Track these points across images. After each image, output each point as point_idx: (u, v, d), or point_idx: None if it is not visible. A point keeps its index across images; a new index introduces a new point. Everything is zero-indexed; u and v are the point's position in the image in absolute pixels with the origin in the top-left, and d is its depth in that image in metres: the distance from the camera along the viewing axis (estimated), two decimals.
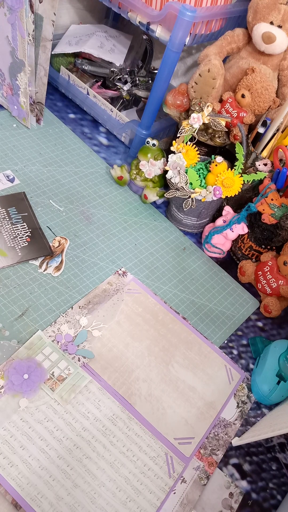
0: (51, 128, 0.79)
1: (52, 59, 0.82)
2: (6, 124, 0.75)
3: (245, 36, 0.69)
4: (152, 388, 0.51)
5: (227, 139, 0.70)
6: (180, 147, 0.64)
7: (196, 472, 0.46)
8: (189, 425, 0.49)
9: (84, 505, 0.41)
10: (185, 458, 0.47)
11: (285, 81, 0.70)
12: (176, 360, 0.54)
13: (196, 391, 0.52)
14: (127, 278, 0.60)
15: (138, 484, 0.44)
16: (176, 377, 0.53)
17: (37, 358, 0.48)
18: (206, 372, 0.54)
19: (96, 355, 0.51)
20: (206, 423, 0.50)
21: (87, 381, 0.48)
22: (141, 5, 0.65)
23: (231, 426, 0.51)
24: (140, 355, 0.53)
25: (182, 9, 0.59)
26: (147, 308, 0.58)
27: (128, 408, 0.48)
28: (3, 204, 0.62)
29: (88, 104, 0.83)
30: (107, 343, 0.52)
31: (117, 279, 0.59)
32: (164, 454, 0.46)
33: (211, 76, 0.64)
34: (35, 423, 0.44)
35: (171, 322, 0.57)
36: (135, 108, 0.86)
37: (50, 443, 0.43)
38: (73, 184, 0.71)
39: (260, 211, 0.62)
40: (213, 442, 0.49)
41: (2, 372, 0.46)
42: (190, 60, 0.93)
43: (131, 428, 0.47)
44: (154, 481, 0.44)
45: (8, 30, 0.65)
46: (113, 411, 0.47)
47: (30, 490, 0.40)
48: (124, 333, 0.54)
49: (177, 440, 0.48)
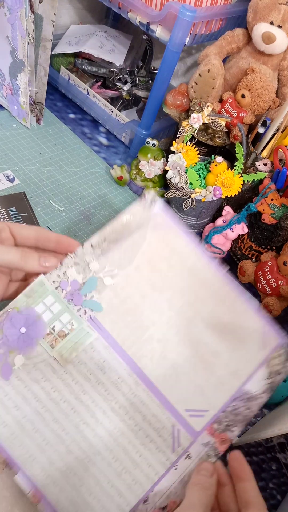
0: (51, 128, 0.79)
1: (52, 59, 0.83)
2: (6, 124, 0.75)
3: (245, 36, 0.69)
4: (167, 350, 0.43)
5: (227, 139, 0.70)
6: (180, 147, 0.64)
7: (204, 449, 0.41)
8: (204, 396, 0.42)
9: (76, 472, 0.39)
10: (193, 432, 0.41)
11: (285, 81, 0.70)
12: (202, 317, 0.44)
13: (219, 356, 0.43)
14: (156, 207, 0.46)
15: (137, 456, 0.40)
16: (198, 338, 0.43)
17: (37, 309, 0.41)
18: (236, 334, 0.44)
19: (106, 307, 0.42)
20: (225, 395, 0.42)
21: (92, 338, 0.42)
22: (141, 5, 0.65)
23: (256, 400, 0.43)
24: (158, 309, 0.43)
25: (182, 9, 0.59)
26: (176, 249, 0.45)
27: (136, 371, 0.42)
28: (3, 204, 0.62)
29: (88, 104, 0.83)
30: (121, 293, 0.43)
31: (142, 209, 0.45)
32: (171, 426, 0.41)
33: (211, 76, 0.64)
34: (31, 383, 0.40)
35: (203, 269, 0.45)
36: (135, 108, 0.86)
37: (46, 405, 0.40)
38: (73, 184, 0.71)
39: (260, 211, 0.62)
40: (230, 416, 0.42)
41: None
42: (190, 60, 0.94)
43: (137, 394, 0.41)
44: (154, 454, 0.40)
45: (8, 30, 0.65)
46: (119, 374, 0.41)
47: (22, 452, 0.38)
48: (142, 281, 0.44)
49: (188, 412, 0.42)
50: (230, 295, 0.45)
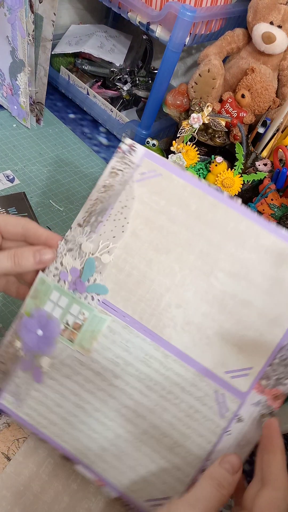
0: (51, 128, 0.79)
1: (52, 59, 0.83)
2: (6, 124, 0.75)
3: (245, 36, 0.69)
4: (190, 314, 0.38)
5: (227, 139, 0.70)
6: (180, 147, 0.64)
7: (256, 409, 0.38)
8: (244, 353, 0.38)
9: (129, 454, 0.39)
10: (240, 394, 0.38)
11: (285, 81, 0.70)
12: (221, 267, 0.38)
13: (251, 305, 0.38)
14: (137, 155, 0.39)
15: (185, 428, 0.38)
16: (222, 291, 0.38)
17: (46, 308, 0.40)
18: (267, 274, 0.37)
19: (113, 286, 0.39)
20: (268, 347, 0.38)
21: (107, 322, 0.39)
22: (141, 5, 0.65)
23: None
24: (169, 272, 0.39)
25: (182, 9, 0.59)
26: (173, 196, 0.39)
27: (162, 344, 0.39)
28: (3, 204, 0.62)
29: (88, 104, 0.83)
30: (124, 266, 0.39)
31: (122, 162, 0.40)
32: (213, 392, 0.38)
33: (211, 76, 0.64)
34: (63, 379, 0.39)
35: (211, 209, 0.38)
36: (135, 108, 0.86)
37: (84, 397, 0.39)
38: (73, 184, 0.71)
39: (260, 211, 0.62)
40: (280, 369, 0.38)
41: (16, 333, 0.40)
42: (190, 60, 0.94)
43: (169, 367, 0.39)
44: (203, 424, 0.38)
45: (8, 30, 0.65)
46: (145, 351, 0.38)
47: (75, 445, 0.39)
48: (143, 246, 0.39)
49: (229, 374, 0.38)
50: (251, 230, 0.38)
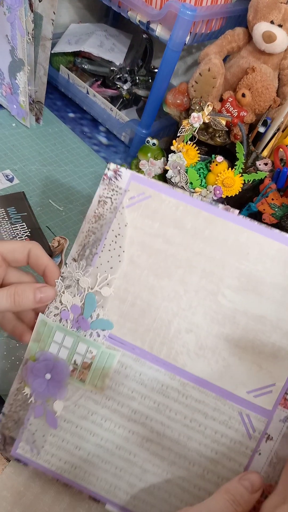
0: (50, 128, 0.79)
1: (51, 58, 0.82)
2: (5, 124, 0.75)
3: (245, 35, 0.69)
4: (202, 337, 0.37)
5: (228, 139, 0.69)
6: (180, 147, 0.64)
7: (284, 424, 0.37)
8: (264, 370, 0.37)
9: (159, 487, 0.38)
10: (266, 412, 0.37)
11: (285, 80, 0.70)
12: (227, 283, 0.37)
13: (265, 319, 0.37)
14: (123, 179, 0.38)
15: (213, 454, 0.37)
16: (232, 309, 0.37)
17: (51, 350, 0.39)
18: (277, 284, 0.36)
19: (118, 318, 0.38)
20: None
21: (117, 356, 0.38)
22: (141, 4, 0.65)
23: None
24: (173, 296, 0.38)
25: (182, 8, 0.58)
26: (166, 217, 0.37)
27: (178, 372, 0.38)
28: (2, 204, 0.62)
29: (88, 103, 0.83)
30: (126, 297, 0.38)
31: (109, 189, 0.38)
32: (238, 413, 0.37)
33: (212, 75, 0.64)
34: (80, 420, 0.38)
35: (207, 225, 0.37)
36: (135, 107, 0.85)
37: (104, 436, 0.38)
38: (72, 183, 0.70)
39: (260, 211, 0.62)
40: None
41: (24, 380, 0.39)
42: (190, 59, 0.93)
43: (188, 395, 0.38)
44: (231, 448, 0.37)
45: (8, 29, 0.65)
46: (160, 382, 0.38)
47: (102, 485, 0.38)
48: (143, 273, 0.38)
49: (251, 393, 0.37)
50: (254, 240, 0.36)
